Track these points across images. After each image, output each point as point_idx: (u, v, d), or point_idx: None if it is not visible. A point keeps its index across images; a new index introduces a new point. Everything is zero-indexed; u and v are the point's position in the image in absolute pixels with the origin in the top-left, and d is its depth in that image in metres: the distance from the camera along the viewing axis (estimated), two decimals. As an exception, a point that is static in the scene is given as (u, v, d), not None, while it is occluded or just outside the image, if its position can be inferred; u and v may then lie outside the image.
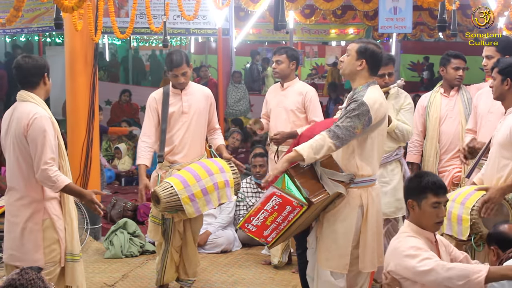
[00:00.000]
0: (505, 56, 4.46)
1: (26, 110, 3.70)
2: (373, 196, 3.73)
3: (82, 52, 6.29)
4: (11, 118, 3.76)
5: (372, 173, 3.72)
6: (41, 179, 3.67)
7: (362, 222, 3.69)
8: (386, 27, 9.30)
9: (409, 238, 3.21)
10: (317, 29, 17.38)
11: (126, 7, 8.81)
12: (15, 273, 2.49)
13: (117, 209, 6.89)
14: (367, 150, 3.67)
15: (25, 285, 2.43)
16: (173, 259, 4.88)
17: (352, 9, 12.79)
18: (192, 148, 4.82)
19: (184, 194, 4.35)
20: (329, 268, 3.72)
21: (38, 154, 3.64)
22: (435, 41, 19.68)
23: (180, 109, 4.80)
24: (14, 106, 3.81)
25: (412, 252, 3.12)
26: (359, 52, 3.71)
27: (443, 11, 4.85)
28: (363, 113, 3.56)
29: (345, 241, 3.69)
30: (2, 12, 8.21)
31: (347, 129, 3.55)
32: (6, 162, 3.81)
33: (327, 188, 3.56)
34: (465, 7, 10.88)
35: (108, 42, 17.81)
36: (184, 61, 4.72)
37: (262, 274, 5.52)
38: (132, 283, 5.31)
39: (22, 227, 3.74)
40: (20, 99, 3.79)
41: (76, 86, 6.33)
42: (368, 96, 3.63)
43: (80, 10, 5.54)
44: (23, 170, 3.72)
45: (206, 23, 9.19)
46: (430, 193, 3.21)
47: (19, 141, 3.68)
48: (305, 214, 3.54)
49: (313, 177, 3.60)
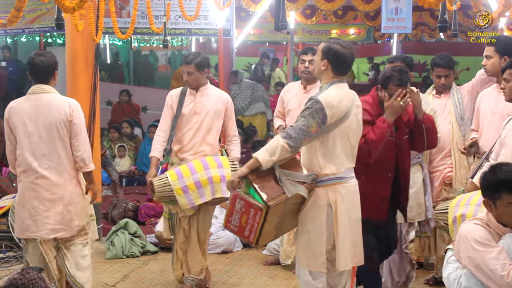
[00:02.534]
0: (503, 56, 4.46)
1: (60, 99, 4.29)
2: (342, 194, 3.69)
3: (83, 52, 6.29)
4: (42, 108, 4.21)
5: (337, 171, 3.68)
6: (79, 159, 4.28)
7: (333, 220, 3.69)
8: (388, 28, 9.30)
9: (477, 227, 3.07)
10: (318, 30, 17.37)
11: (127, 8, 8.82)
12: (16, 273, 2.50)
13: (118, 209, 6.89)
14: (329, 149, 3.67)
15: (27, 284, 2.44)
16: (179, 256, 4.95)
17: (353, 9, 12.78)
18: (201, 148, 4.88)
19: (177, 185, 4.53)
20: (307, 267, 3.76)
21: (82, 137, 4.27)
22: (436, 42, 19.68)
23: (192, 109, 4.92)
24: (32, 97, 4.25)
25: None
26: (323, 52, 3.74)
27: (444, 11, 4.84)
28: (317, 111, 3.57)
29: (318, 240, 3.70)
30: (3, 12, 8.24)
31: (300, 128, 3.57)
32: (35, 145, 4.21)
33: (285, 190, 3.58)
34: (466, 7, 10.87)
35: (109, 43, 17.82)
36: (194, 62, 4.87)
37: (263, 275, 5.52)
38: (133, 283, 5.31)
39: (67, 200, 4.28)
40: (39, 91, 4.26)
41: (77, 87, 6.33)
42: (324, 95, 3.64)
43: (81, 11, 5.54)
44: (66, 150, 4.26)
45: (207, 24, 9.20)
46: (504, 192, 2.99)
47: (61, 126, 4.21)
48: (272, 216, 3.57)
49: (273, 179, 3.63)
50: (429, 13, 13.31)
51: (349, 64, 3.77)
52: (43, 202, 4.22)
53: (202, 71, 4.93)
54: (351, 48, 3.76)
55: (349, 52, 3.72)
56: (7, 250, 5.85)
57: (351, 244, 3.72)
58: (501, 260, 2.93)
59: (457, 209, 3.83)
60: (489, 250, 2.96)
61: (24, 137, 4.23)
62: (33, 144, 4.22)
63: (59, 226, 4.26)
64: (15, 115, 4.26)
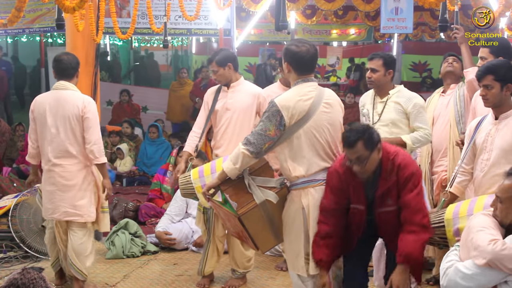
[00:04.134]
0: (498, 57, 4.42)
1: (76, 96, 4.76)
2: (315, 197, 3.66)
3: (84, 52, 6.28)
4: (59, 102, 4.71)
5: (307, 173, 3.65)
6: (89, 151, 4.70)
7: (307, 224, 3.67)
8: (388, 28, 9.31)
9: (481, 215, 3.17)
10: (318, 30, 17.39)
11: (128, 8, 8.82)
12: (17, 273, 2.51)
13: (118, 209, 6.89)
14: (295, 151, 3.65)
15: (27, 284, 2.44)
16: (216, 249, 5.05)
17: (353, 9, 12.81)
18: (233, 144, 4.85)
19: (197, 184, 4.58)
20: (292, 270, 3.80)
21: (93, 131, 4.69)
22: (436, 42, 19.68)
23: (224, 106, 4.98)
24: (54, 93, 4.77)
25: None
26: (283, 55, 3.77)
27: (444, 11, 4.84)
28: (273, 114, 3.58)
29: (297, 243, 3.71)
30: (3, 12, 8.23)
31: (258, 133, 3.60)
32: (51, 136, 4.70)
33: (255, 197, 3.62)
34: (466, 7, 10.85)
35: (109, 43, 17.83)
36: (215, 60, 4.92)
37: (263, 275, 5.52)
38: (133, 283, 5.31)
39: (79, 187, 4.76)
40: (61, 87, 4.78)
41: (77, 87, 6.31)
42: (281, 97, 3.65)
43: (82, 11, 5.54)
44: (78, 141, 4.71)
45: (207, 24, 9.20)
46: None
47: (77, 119, 4.69)
48: (250, 223, 3.62)
49: (244, 188, 3.68)
50: (429, 13, 13.32)
51: (308, 62, 3.70)
52: (58, 187, 4.76)
53: (226, 66, 4.93)
54: (307, 46, 3.69)
55: (304, 50, 3.67)
56: (7, 250, 5.85)
57: None
58: (493, 236, 3.01)
59: (458, 221, 3.62)
60: (485, 231, 3.04)
61: (44, 128, 4.75)
62: (51, 135, 4.71)
63: (72, 210, 4.76)
64: (38, 107, 4.78)
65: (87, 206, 4.80)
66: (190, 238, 6.22)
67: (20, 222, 5.76)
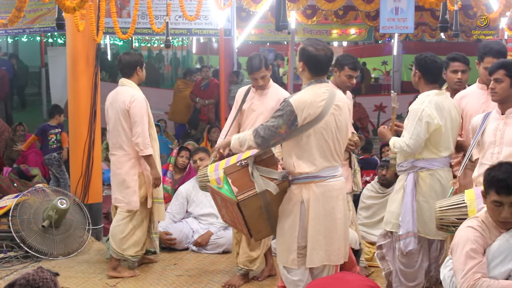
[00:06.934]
0: None
1: (127, 92, 5.18)
2: (316, 193, 3.73)
3: (84, 52, 6.29)
4: (115, 98, 5.24)
5: (310, 170, 3.72)
6: (134, 143, 5.12)
7: (306, 218, 3.74)
8: (388, 28, 9.31)
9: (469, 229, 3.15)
10: (318, 30, 17.36)
11: (128, 8, 8.83)
12: (32, 269, 2.55)
13: (118, 209, 6.87)
14: (302, 149, 3.72)
15: (37, 281, 2.47)
16: (237, 243, 5.23)
17: (353, 9, 12.78)
18: None
19: (212, 177, 4.67)
20: (280, 262, 3.89)
21: (137, 125, 5.09)
22: (437, 42, 19.68)
23: (251, 107, 5.14)
24: (116, 89, 5.30)
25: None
26: (299, 54, 3.83)
27: (445, 11, 4.85)
28: (287, 113, 3.65)
29: (290, 236, 3.78)
30: (4, 12, 8.24)
31: (269, 128, 3.68)
32: (111, 128, 5.29)
33: (256, 185, 3.72)
34: (467, 7, 10.87)
35: (110, 43, 17.83)
36: (263, 65, 5.03)
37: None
38: (133, 283, 5.31)
39: (124, 176, 5.21)
40: (120, 84, 5.30)
41: (78, 87, 6.33)
42: (296, 97, 3.72)
43: (82, 11, 5.54)
44: (127, 134, 5.16)
45: (208, 24, 9.20)
46: (493, 190, 3.12)
47: (124, 114, 5.14)
48: (248, 210, 3.71)
49: (248, 176, 3.79)
50: (430, 13, 13.31)
51: (324, 65, 3.80)
52: (113, 174, 5.33)
53: (269, 69, 5.11)
54: (325, 49, 3.78)
55: (322, 53, 3.76)
56: (8, 250, 5.84)
57: (324, 242, 3.75)
58: (472, 262, 3.04)
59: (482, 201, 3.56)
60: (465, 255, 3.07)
61: (108, 120, 5.35)
62: (109, 127, 5.32)
63: (119, 197, 5.26)
64: (106, 102, 5.35)
65: (130, 195, 5.20)
66: (190, 238, 6.23)
67: (21, 222, 5.76)
